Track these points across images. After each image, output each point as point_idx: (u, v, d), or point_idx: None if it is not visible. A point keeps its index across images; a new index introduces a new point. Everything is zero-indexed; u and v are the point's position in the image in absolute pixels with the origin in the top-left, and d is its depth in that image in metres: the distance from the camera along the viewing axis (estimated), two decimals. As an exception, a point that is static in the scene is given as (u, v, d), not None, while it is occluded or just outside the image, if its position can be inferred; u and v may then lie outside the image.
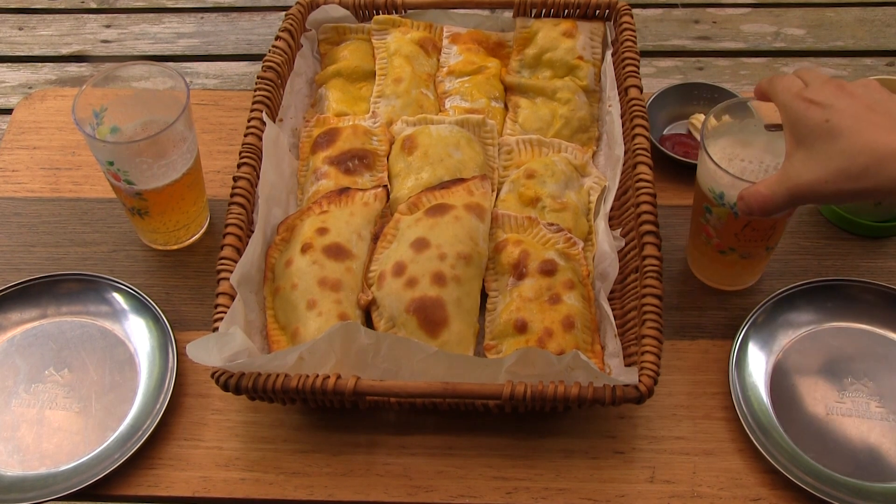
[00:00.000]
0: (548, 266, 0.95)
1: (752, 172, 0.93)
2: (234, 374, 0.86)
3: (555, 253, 0.96)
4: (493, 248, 0.99)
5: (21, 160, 1.21)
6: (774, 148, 0.93)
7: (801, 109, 0.75)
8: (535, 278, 0.95)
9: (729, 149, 0.95)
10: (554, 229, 0.98)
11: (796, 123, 0.76)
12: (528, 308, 0.93)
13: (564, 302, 0.93)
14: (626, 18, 1.15)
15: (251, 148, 1.02)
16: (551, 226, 0.98)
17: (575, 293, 0.94)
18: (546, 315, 0.92)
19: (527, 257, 0.96)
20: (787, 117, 0.77)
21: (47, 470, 0.92)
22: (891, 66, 2.03)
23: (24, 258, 1.10)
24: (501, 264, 0.98)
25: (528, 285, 0.95)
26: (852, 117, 0.72)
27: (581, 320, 0.92)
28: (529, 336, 0.92)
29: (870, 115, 0.72)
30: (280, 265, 0.99)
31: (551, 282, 0.94)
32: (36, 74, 2.27)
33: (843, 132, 0.72)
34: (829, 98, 0.74)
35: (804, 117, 0.75)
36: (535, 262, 0.95)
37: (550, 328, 0.91)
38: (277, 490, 0.91)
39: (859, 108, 0.73)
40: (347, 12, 1.21)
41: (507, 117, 1.16)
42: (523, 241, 0.98)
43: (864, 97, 0.74)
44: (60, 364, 1.00)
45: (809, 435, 0.93)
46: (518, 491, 0.90)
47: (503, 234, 1.00)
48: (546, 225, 0.99)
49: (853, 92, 0.74)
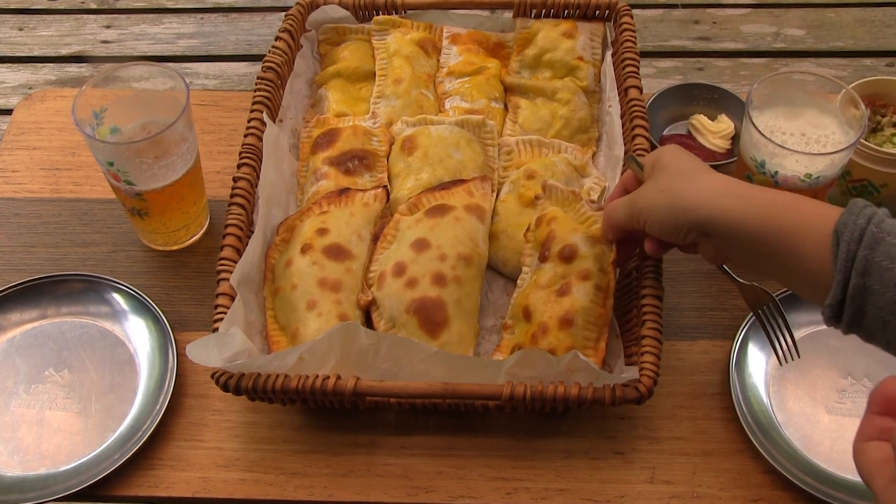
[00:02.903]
0: (568, 252, 0.92)
1: (795, 144, 0.99)
2: (234, 375, 0.86)
3: (582, 236, 0.93)
4: (537, 220, 0.98)
5: (21, 160, 1.21)
6: (819, 122, 0.99)
7: None
8: (553, 263, 0.93)
9: (772, 121, 1.00)
10: (595, 207, 0.94)
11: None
12: (537, 296, 0.92)
13: (572, 295, 0.90)
14: (626, 19, 1.15)
15: (251, 148, 1.02)
16: (593, 203, 0.95)
17: (587, 284, 0.91)
18: (548, 308, 0.91)
19: (553, 239, 0.94)
20: None
21: (47, 470, 0.92)
22: (891, 67, 2.03)
23: (24, 259, 1.10)
24: (535, 240, 0.97)
25: (545, 270, 0.93)
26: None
27: (584, 316, 0.90)
28: (530, 327, 0.92)
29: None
30: (280, 266, 0.99)
31: (567, 269, 0.92)
32: (36, 75, 2.27)
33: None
34: None
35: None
36: (558, 245, 0.93)
37: (546, 324, 0.90)
38: (277, 490, 0.91)
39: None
40: (347, 13, 1.21)
41: (507, 118, 1.16)
42: (558, 218, 0.95)
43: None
44: (60, 364, 1.00)
45: (809, 435, 0.93)
46: (518, 491, 0.90)
47: (549, 205, 0.98)
48: (588, 202, 0.95)
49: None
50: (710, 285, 1.06)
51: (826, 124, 1.00)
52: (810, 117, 1.01)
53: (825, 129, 1.00)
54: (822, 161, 0.96)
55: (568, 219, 0.95)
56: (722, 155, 1.16)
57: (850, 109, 0.99)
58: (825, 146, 0.99)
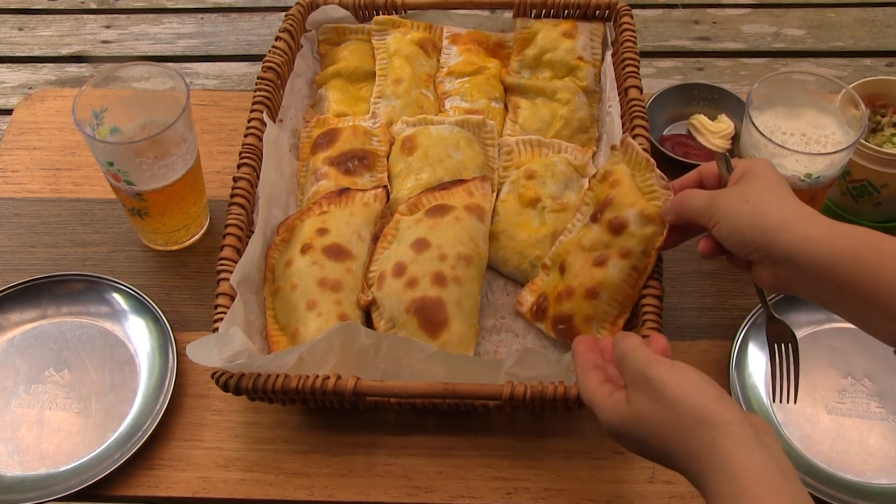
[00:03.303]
0: (619, 223, 0.90)
1: (795, 144, 0.98)
2: (234, 375, 0.86)
3: (637, 213, 0.89)
4: (604, 172, 0.95)
5: (21, 160, 1.21)
6: (819, 122, 0.99)
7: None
8: (601, 229, 0.91)
9: (772, 121, 1.00)
10: (663, 184, 0.90)
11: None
12: (576, 256, 0.92)
13: (607, 269, 0.90)
14: (626, 19, 1.15)
15: (251, 148, 1.02)
16: (663, 179, 0.90)
17: (625, 263, 0.89)
18: (581, 273, 0.91)
19: (609, 204, 0.91)
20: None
21: (47, 470, 0.92)
22: (891, 67, 2.03)
23: (24, 259, 1.10)
24: (596, 195, 0.95)
25: (592, 232, 0.92)
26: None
27: (611, 293, 0.90)
28: (560, 282, 0.93)
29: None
30: (280, 266, 0.99)
31: (611, 241, 0.90)
32: (36, 75, 2.27)
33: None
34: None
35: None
36: (612, 213, 0.91)
37: (574, 289, 0.91)
38: (277, 490, 0.91)
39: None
40: (347, 13, 1.21)
41: (507, 118, 1.16)
42: (622, 184, 0.92)
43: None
44: (60, 364, 1.00)
45: (809, 435, 0.93)
46: (518, 491, 0.90)
47: (620, 161, 0.95)
48: (659, 177, 0.91)
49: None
50: (711, 285, 1.06)
51: (826, 124, 1.00)
52: (810, 117, 1.01)
53: (825, 129, 1.00)
54: (822, 161, 0.96)
55: (631, 187, 0.92)
56: (722, 155, 1.16)
57: (850, 109, 0.99)
58: (825, 146, 0.99)
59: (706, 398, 0.68)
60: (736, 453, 0.64)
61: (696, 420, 0.67)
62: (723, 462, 0.64)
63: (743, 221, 0.78)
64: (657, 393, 0.70)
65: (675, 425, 0.68)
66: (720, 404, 0.67)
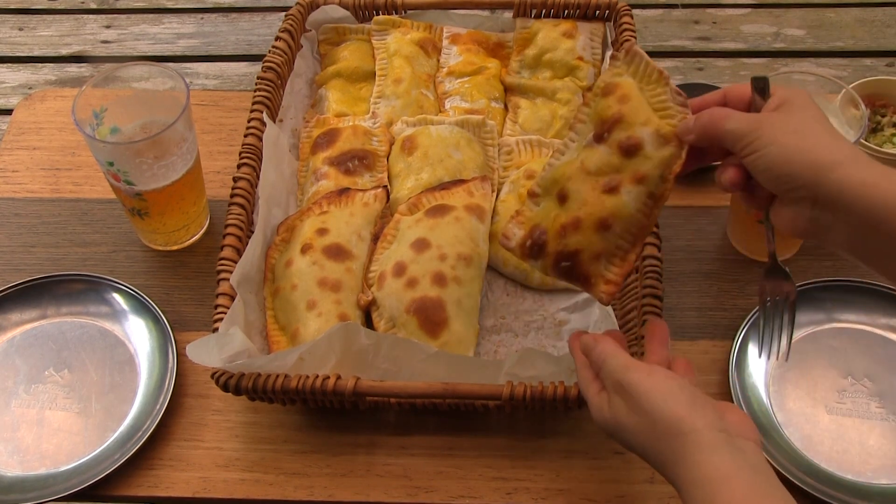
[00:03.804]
0: (632, 144, 0.77)
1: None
2: (234, 375, 0.86)
3: (652, 132, 0.77)
4: (605, 85, 0.81)
5: (21, 160, 1.21)
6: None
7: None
8: (609, 150, 0.79)
9: None
10: (680, 101, 0.78)
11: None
12: (581, 181, 0.80)
13: (620, 196, 0.78)
14: (626, 19, 1.15)
15: (251, 148, 1.02)
16: (679, 96, 0.79)
17: (639, 190, 0.78)
18: (589, 200, 0.79)
19: (618, 122, 0.79)
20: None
21: (47, 470, 0.92)
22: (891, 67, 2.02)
23: (24, 259, 1.10)
24: (597, 111, 0.81)
25: (597, 154, 0.79)
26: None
27: (625, 224, 0.78)
28: (561, 213, 0.80)
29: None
30: (280, 266, 0.99)
31: (623, 164, 0.78)
32: (36, 75, 2.27)
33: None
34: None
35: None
36: (623, 132, 0.78)
37: (581, 220, 0.79)
38: (277, 490, 0.91)
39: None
40: (347, 13, 1.21)
41: (507, 118, 1.16)
42: (631, 99, 0.79)
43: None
44: (60, 364, 1.00)
45: (809, 435, 0.93)
46: (518, 491, 0.90)
47: (625, 72, 0.82)
48: (675, 92, 0.79)
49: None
50: (710, 285, 1.06)
51: None
52: None
53: None
54: (822, 161, 0.95)
55: (642, 103, 0.80)
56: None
57: (850, 109, 0.99)
58: (825, 146, 0.99)
59: (677, 405, 0.68)
60: (705, 459, 0.65)
61: (667, 428, 0.67)
62: (692, 469, 0.65)
63: (792, 154, 0.69)
64: (633, 400, 0.70)
65: (650, 433, 0.69)
66: (691, 411, 0.67)
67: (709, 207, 1.12)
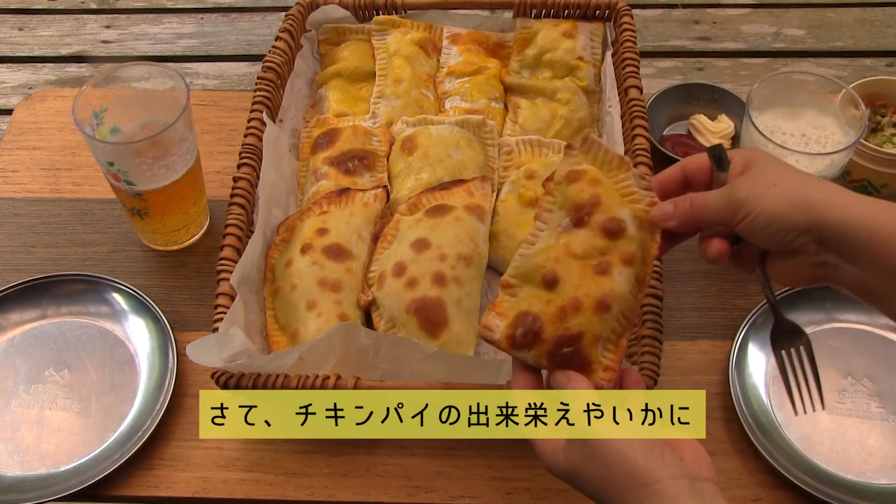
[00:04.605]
0: (614, 226, 0.76)
1: (795, 144, 0.98)
2: (234, 375, 0.86)
3: (630, 214, 0.77)
4: (568, 173, 0.80)
5: (21, 160, 1.21)
6: (819, 122, 0.98)
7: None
8: (593, 233, 0.77)
9: (772, 121, 1.00)
10: (644, 185, 0.78)
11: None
12: (568, 265, 0.76)
13: (613, 277, 0.75)
14: (626, 19, 1.15)
15: (251, 148, 1.02)
16: (643, 180, 0.79)
17: (630, 271, 0.76)
18: (584, 283, 0.75)
19: (596, 205, 0.77)
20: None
21: (47, 470, 0.92)
22: (891, 67, 2.02)
23: (24, 259, 1.10)
24: (566, 196, 0.79)
25: (580, 237, 0.77)
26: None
27: (620, 305, 0.76)
28: (554, 297, 0.76)
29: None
30: (280, 266, 0.99)
31: (609, 246, 0.76)
32: (36, 75, 2.26)
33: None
34: None
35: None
36: (603, 214, 0.77)
37: (580, 301, 0.75)
38: (277, 490, 0.91)
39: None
40: (347, 13, 1.21)
41: (507, 118, 1.16)
42: (601, 183, 0.78)
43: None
44: (60, 364, 1.00)
45: (809, 435, 0.93)
46: (518, 491, 0.90)
47: (585, 163, 0.80)
48: (638, 176, 0.79)
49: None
50: (710, 285, 1.06)
51: (826, 124, 1.00)
52: (810, 117, 1.01)
53: (825, 129, 1.00)
54: (822, 161, 0.96)
55: (611, 187, 0.79)
56: (722, 155, 1.15)
57: (850, 109, 0.99)
58: (825, 146, 0.99)
59: (636, 455, 0.66)
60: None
61: (626, 478, 0.66)
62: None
63: (786, 204, 0.69)
64: (589, 447, 0.68)
65: (609, 483, 0.67)
66: (649, 460, 0.65)
67: (709, 207, 1.12)
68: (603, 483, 0.67)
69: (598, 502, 0.69)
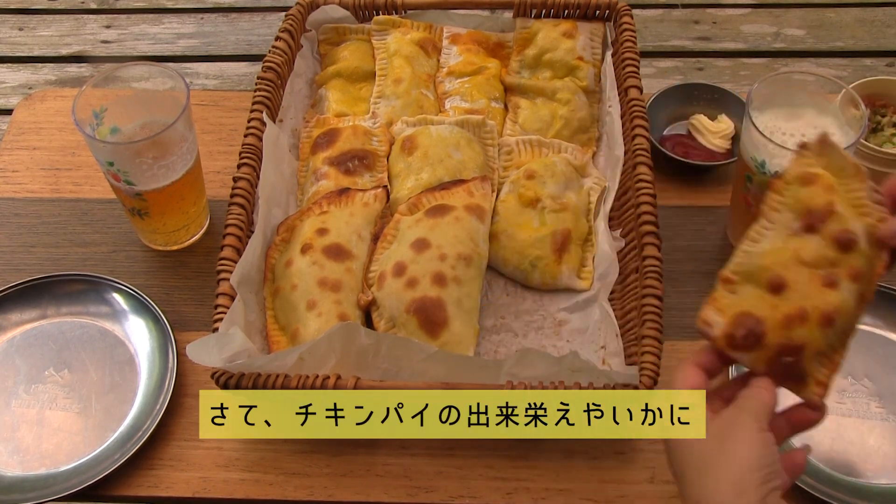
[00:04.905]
0: (847, 238, 0.73)
1: (795, 145, 0.97)
2: (234, 375, 0.86)
3: (862, 227, 0.73)
4: (801, 175, 0.77)
5: (21, 160, 1.21)
6: (819, 122, 0.98)
7: None
8: (823, 242, 0.74)
9: (772, 121, 1.00)
10: (877, 198, 0.74)
11: None
12: (798, 272, 0.74)
13: (841, 292, 0.72)
14: (626, 19, 1.15)
15: (251, 148, 1.02)
16: (876, 192, 0.74)
17: (855, 288, 0.73)
18: (811, 293, 0.73)
19: (831, 214, 0.74)
20: None
21: (47, 470, 0.92)
22: (891, 67, 2.03)
23: (24, 259, 1.10)
24: (797, 199, 0.76)
25: (812, 245, 0.74)
26: None
27: (844, 322, 0.73)
28: (779, 303, 0.73)
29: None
30: (280, 266, 0.99)
31: (839, 258, 0.73)
32: (36, 75, 2.27)
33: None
34: None
35: None
36: (837, 224, 0.73)
37: (807, 312, 0.72)
38: (277, 490, 0.91)
39: None
40: (347, 13, 1.21)
41: (507, 118, 1.16)
42: (837, 191, 0.75)
43: None
44: (60, 364, 1.00)
45: (809, 435, 0.92)
46: (518, 491, 0.90)
47: (815, 164, 0.77)
48: (872, 188, 0.74)
49: None
50: (710, 285, 1.05)
51: (826, 124, 1.00)
52: (810, 117, 1.01)
53: (825, 129, 1.00)
54: (823, 161, 0.96)
55: (844, 196, 0.75)
56: (722, 155, 1.16)
57: (850, 109, 0.99)
58: (825, 146, 0.99)
59: (720, 484, 0.68)
60: None
61: (700, 499, 0.69)
62: None
63: None
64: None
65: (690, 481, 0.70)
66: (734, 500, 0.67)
67: (709, 207, 1.12)
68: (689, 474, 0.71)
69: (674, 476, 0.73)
